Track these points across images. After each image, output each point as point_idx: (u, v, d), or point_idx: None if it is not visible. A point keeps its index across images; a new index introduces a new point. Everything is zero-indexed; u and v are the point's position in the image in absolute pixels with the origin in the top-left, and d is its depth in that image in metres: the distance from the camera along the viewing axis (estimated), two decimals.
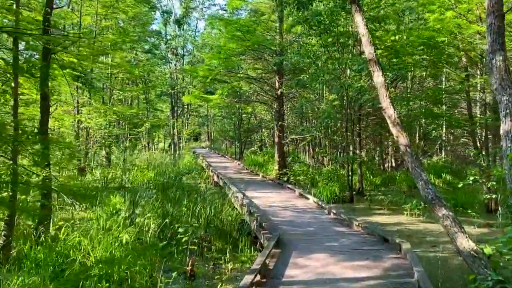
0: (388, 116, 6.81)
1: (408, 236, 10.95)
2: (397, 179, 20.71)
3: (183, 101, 27.62)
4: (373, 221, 12.67)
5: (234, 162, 29.24)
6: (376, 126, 23.41)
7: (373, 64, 7.15)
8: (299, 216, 10.70)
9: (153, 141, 42.40)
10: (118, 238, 7.53)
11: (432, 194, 6.10)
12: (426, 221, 12.98)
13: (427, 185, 6.20)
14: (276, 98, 19.92)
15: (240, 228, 10.57)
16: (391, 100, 6.86)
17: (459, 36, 13.99)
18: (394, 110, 6.80)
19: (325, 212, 11.36)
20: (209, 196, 14.67)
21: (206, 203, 12.92)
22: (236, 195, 12.94)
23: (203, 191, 16.70)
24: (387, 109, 6.83)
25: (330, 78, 16.49)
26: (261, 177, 20.28)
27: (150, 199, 11.86)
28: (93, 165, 21.85)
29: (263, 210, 11.22)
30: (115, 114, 22.44)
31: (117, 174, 19.93)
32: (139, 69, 22.83)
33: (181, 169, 23.11)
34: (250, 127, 36.29)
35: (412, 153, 6.44)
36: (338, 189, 16.25)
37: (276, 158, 20.30)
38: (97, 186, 16.67)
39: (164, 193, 14.13)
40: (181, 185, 16.52)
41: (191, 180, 20.69)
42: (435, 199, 6.03)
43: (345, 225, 9.86)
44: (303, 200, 13.41)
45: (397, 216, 13.69)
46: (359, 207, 15.42)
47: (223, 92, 19.06)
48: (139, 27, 27.05)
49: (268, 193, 14.70)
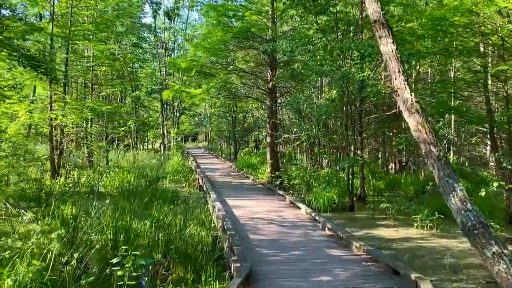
0: (403, 100, 4.71)
1: (421, 256, 8.84)
2: (403, 183, 18.56)
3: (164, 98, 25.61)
4: (377, 236, 10.56)
5: (226, 163, 27.26)
6: (379, 124, 21.37)
7: (380, 27, 5.06)
8: (286, 233, 8.60)
9: (142, 141, 40.38)
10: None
11: (475, 220, 3.90)
12: (441, 235, 10.85)
13: (465, 205, 4.03)
14: (268, 92, 17.82)
15: (213, 248, 8.46)
16: (406, 78, 4.76)
17: (476, 18, 11.87)
18: (411, 91, 4.70)
19: (319, 227, 9.27)
20: (187, 205, 12.62)
21: (180, 213, 10.90)
22: (213, 204, 10.86)
23: (185, 197, 14.64)
24: (401, 91, 4.72)
25: (329, 68, 14.41)
26: (251, 181, 18.22)
27: (107, 209, 9.79)
28: (68, 167, 19.83)
29: (242, 224, 9.14)
30: (93, 111, 20.44)
31: (93, 176, 18.14)
32: (119, 62, 20.74)
33: (166, 172, 21.08)
34: (246, 126, 34.36)
35: (440, 155, 4.34)
36: (337, 195, 14.13)
37: (268, 159, 18.19)
38: (62, 191, 14.69)
39: (131, 201, 12.06)
40: (156, 190, 14.43)
41: (173, 184, 18.61)
42: (480, 228, 3.84)
43: (343, 246, 7.76)
44: (293, 210, 11.32)
45: (405, 229, 11.55)
46: (360, 216, 13.30)
47: (209, 86, 16.93)
48: (123, 18, 25.01)
49: (254, 201, 12.60)
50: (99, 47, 21.06)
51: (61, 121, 17.97)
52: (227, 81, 17.98)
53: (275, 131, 18.46)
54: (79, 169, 19.69)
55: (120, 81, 22.31)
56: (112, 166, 22.12)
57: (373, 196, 16.33)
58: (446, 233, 10.95)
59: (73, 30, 18.72)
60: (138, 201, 12.30)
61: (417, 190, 17.33)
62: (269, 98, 17.78)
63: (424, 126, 4.50)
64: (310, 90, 21.20)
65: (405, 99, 4.69)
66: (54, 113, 17.85)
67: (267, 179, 17.57)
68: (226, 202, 11.93)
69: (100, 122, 25.42)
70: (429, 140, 4.43)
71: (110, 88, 22.88)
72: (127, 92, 31.71)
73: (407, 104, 4.66)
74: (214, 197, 11.67)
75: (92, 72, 21.46)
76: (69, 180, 16.83)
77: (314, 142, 24.35)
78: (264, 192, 14.74)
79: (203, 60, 17.36)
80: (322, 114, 14.49)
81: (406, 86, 4.68)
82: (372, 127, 21.39)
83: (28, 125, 22.42)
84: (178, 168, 22.50)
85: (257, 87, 19.78)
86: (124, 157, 26.65)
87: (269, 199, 13.09)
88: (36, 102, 23.30)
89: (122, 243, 8.03)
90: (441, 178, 4.26)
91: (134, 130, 31.24)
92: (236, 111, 30.71)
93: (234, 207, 11.22)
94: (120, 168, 21.10)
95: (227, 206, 11.39)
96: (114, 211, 9.94)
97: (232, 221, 9.37)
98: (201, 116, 46.82)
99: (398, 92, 4.77)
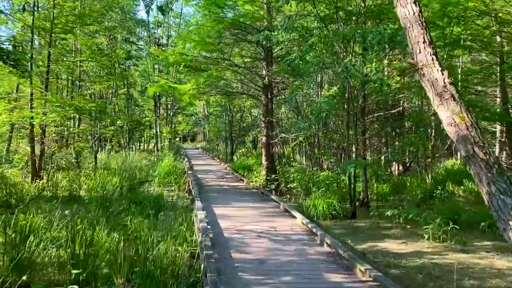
0: (430, 81, 3.31)
1: (437, 278, 7.48)
2: (408, 186, 17.20)
3: (149, 94, 24.26)
4: (383, 250, 9.22)
5: (222, 164, 25.96)
6: (382, 123, 20.05)
7: None
8: (277, 251, 7.24)
9: (138, 141, 39.06)
10: None
11: None
12: (456, 248, 9.48)
13: None
14: (263, 88, 16.47)
15: (190, 268, 7.10)
16: (435, 51, 3.39)
17: (492, 4, 10.54)
18: (442, 69, 3.34)
19: (317, 241, 7.92)
20: (173, 212, 11.32)
21: (160, 223, 9.60)
22: (196, 213, 9.52)
23: (171, 203, 13.32)
24: (427, 68, 3.32)
25: (329, 60, 13.08)
26: (244, 184, 16.90)
27: (71, 219, 8.45)
28: (51, 169, 18.57)
29: (227, 239, 7.81)
30: (77, 109, 19.11)
31: (76, 179, 16.93)
32: (106, 57, 19.42)
33: (154, 174, 19.75)
34: (245, 126, 33.08)
35: (490, 160, 2.96)
36: (338, 200, 12.78)
37: (264, 161, 16.84)
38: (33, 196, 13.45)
39: (106, 208, 10.73)
40: (137, 195, 13.10)
41: (162, 188, 17.25)
42: None
43: (345, 269, 6.41)
44: (288, 219, 9.96)
45: (414, 241, 10.17)
46: (364, 225, 11.94)
47: (199, 82, 15.58)
48: (112, 11, 23.73)
49: (245, 209, 11.25)
50: (87, 42, 19.78)
51: (41, 120, 16.74)
52: (219, 76, 16.60)
53: (271, 130, 17.11)
54: (65, 171, 18.47)
55: (107, 77, 20.96)
56: (101, 168, 20.94)
57: (377, 201, 14.98)
58: (463, 247, 9.60)
59: (57, 23, 17.48)
60: (115, 208, 10.98)
61: (424, 195, 15.99)
62: (265, 95, 16.43)
63: (463, 118, 3.12)
64: (309, 86, 19.85)
65: (434, 80, 3.31)
66: (33, 112, 16.60)
67: (262, 182, 16.23)
68: (212, 211, 10.60)
69: (91, 121, 24.15)
70: (472, 138, 3.03)
71: (98, 85, 21.52)
72: (120, 90, 30.42)
73: (437, 87, 3.27)
74: (199, 205, 10.32)
75: (78, 68, 20.17)
76: (50, 183, 15.69)
77: (314, 142, 23.04)
78: (257, 198, 13.39)
79: (193, 53, 16.00)
80: (322, 111, 13.06)
81: (435, 62, 3.31)
82: (375, 126, 20.07)
83: (11, 125, 21.17)
84: (169, 170, 21.17)
85: (252, 83, 18.43)
86: (115, 158, 25.41)
87: (261, 206, 11.73)
88: (19, 100, 22.07)
89: (81, 263, 6.73)
90: (492, 196, 2.86)
91: (126, 130, 29.93)
92: (233, 110, 29.41)
93: (221, 216, 9.88)
94: (109, 170, 19.91)
95: (213, 215, 10.05)
96: (80, 221, 8.59)
97: (215, 234, 8.04)
98: (198, 116, 45.56)
99: (423, 70, 3.37)
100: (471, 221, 11.80)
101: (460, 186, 17.18)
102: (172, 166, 22.28)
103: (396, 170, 22.97)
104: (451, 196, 16.11)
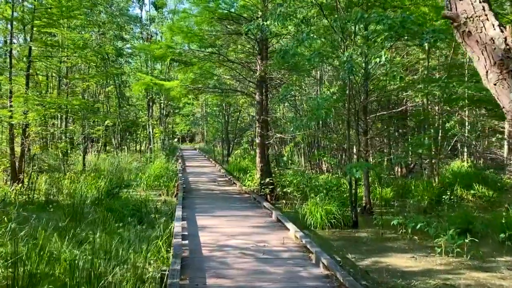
0: (483, 42, 1.99)
1: None
2: (413, 190, 15.94)
3: (130, 92, 23.09)
4: (390, 267, 8.00)
5: (216, 166, 24.77)
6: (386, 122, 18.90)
7: None
8: (263, 274, 6.01)
9: (134, 141, 37.88)
10: None
11: None
12: (474, 265, 8.26)
13: None
14: (257, 84, 15.26)
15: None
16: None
17: None
18: (501, 24, 2.13)
19: (312, 261, 6.68)
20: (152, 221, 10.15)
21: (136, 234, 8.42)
22: (175, 224, 8.30)
23: (153, 210, 12.11)
24: (477, 23, 1.99)
25: (329, 52, 11.88)
26: (237, 188, 15.68)
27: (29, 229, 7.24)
28: (32, 171, 17.40)
29: (205, 258, 6.57)
30: (60, 108, 17.94)
31: (57, 183, 15.89)
32: (91, 53, 18.25)
33: (141, 177, 18.57)
34: (243, 126, 31.91)
35: None
36: (338, 206, 11.56)
37: (258, 163, 15.62)
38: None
39: (77, 217, 9.54)
40: (116, 201, 11.88)
41: (149, 191, 16.05)
42: None
43: None
44: (280, 231, 8.72)
45: (425, 255, 8.93)
46: (366, 235, 10.72)
47: (188, 77, 14.37)
48: (101, 4, 22.57)
49: (232, 218, 10.00)
50: (72, 35, 18.61)
51: (20, 119, 15.61)
52: (210, 71, 15.36)
53: (266, 130, 15.89)
54: (48, 174, 17.32)
55: (91, 74, 19.77)
56: (89, 170, 19.84)
57: (380, 207, 13.73)
58: (480, 263, 8.38)
59: (37, 15, 16.35)
60: (86, 217, 9.78)
61: (431, 199, 14.78)
62: (259, 92, 15.21)
63: None
64: (306, 81, 18.63)
65: (488, 41, 2.05)
66: (9, 110, 15.45)
67: (256, 186, 15.01)
68: (195, 221, 9.37)
69: (77, 121, 23.01)
70: None
71: (85, 82, 20.33)
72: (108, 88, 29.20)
73: (494, 51, 2.03)
74: (179, 214, 9.09)
75: (63, 65, 18.98)
76: (30, 187, 14.63)
77: (313, 142, 21.82)
78: (247, 205, 12.15)
79: (181, 46, 14.79)
80: (321, 108, 11.77)
81: (488, 12, 2.09)
82: (378, 125, 18.88)
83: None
84: (159, 172, 19.97)
85: (246, 79, 17.21)
86: (105, 160, 24.28)
87: (251, 215, 10.48)
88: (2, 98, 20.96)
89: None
90: None
91: (118, 130, 28.75)
92: (228, 109, 28.23)
93: (203, 228, 8.65)
94: (97, 172, 18.84)
95: (195, 226, 8.83)
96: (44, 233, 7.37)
97: (192, 252, 6.82)
98: (195, 116, 44.41)
99: (468, 26, 2.01)
100: (485, 231, 10.61)
101: (470, 191, 15.96)
102: (164, 168, 21.11)
103: (399, 172, 21.76)
104: (460, 201, 14.92)
